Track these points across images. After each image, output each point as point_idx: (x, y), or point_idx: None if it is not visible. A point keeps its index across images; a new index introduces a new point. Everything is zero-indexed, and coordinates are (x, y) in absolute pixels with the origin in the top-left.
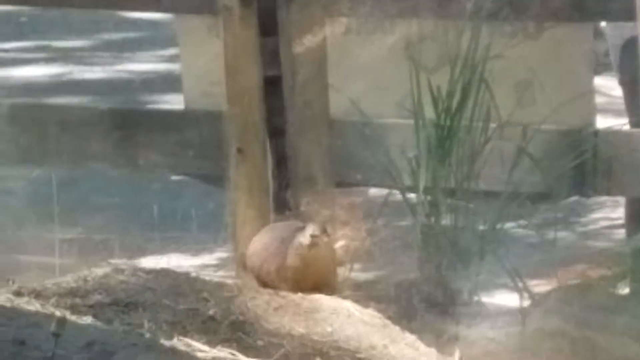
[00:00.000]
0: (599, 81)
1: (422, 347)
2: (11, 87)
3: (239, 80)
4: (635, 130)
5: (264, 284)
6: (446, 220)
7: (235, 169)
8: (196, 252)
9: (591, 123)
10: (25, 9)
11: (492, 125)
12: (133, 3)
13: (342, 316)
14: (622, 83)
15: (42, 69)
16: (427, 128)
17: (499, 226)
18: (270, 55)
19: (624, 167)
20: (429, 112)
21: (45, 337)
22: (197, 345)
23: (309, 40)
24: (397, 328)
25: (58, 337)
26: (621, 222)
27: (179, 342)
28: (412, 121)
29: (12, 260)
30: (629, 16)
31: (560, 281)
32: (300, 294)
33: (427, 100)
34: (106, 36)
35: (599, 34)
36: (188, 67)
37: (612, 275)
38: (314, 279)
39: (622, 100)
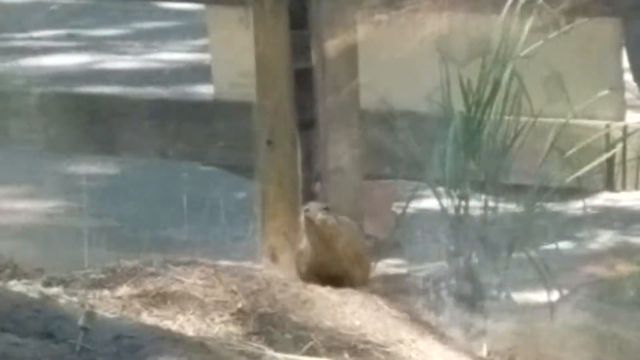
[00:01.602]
0: (629, 76)
1: (450, 341)
2: (42, 76)
3: (269, 72)
4: None
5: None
6: (475, 214)
7: (265, 161)
8: (225, 244)
9: (621, 117)
10: None
11: (523, 119)
12: None
13: (370, 309)
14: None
15: (73, 57)
16: (456, 121)
17: (528, 220)
18: (301, 48)
19: None
20: (459, 106)
21: (73, 330)
22: (225, 339)
23: (340, 33)
24: (425, 322)
25: (86, 330)
26: None
27: (207, 336)
28: (441, 114)
29: (42, 251)
30: None
31: (589, 276)
32: (328, 287)
33: (457, 93)
34: (137, 25)
35: None
36: (218, 58)
37: None
38: (325, 261)
39: None
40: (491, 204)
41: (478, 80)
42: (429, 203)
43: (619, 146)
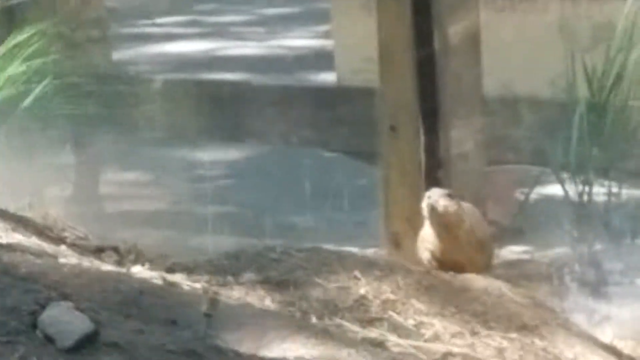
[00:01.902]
0: None
1: (574, 327)
2: (165, 62)
3: (392, 58)
4: None
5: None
6: (599, 200)
7: (388, 147)
8: (348, 230)
9: None
10: None
11: None
12: None
13: (493, 296)
14: None
15: (196, 44)
16: (581, 107)
17: None
18: (424, 34)
19: None
20: (583, 91)
21: (197, 317)
22: (348, 326)
23: (463, 19)
24: (549, 308)
25: (210, 317)
26: None
27: (330, 322)
28: (565, 100)
29: (166, 237)
30: None
31: None
32: (451, 273)
33: (581, 79)
34: (260, 11)
35: None
36: (341, 44)
37: None
38: (449, 249)
39: None
40: (615, 189)
41: (603, 66)
42: (553, 189)
43: None
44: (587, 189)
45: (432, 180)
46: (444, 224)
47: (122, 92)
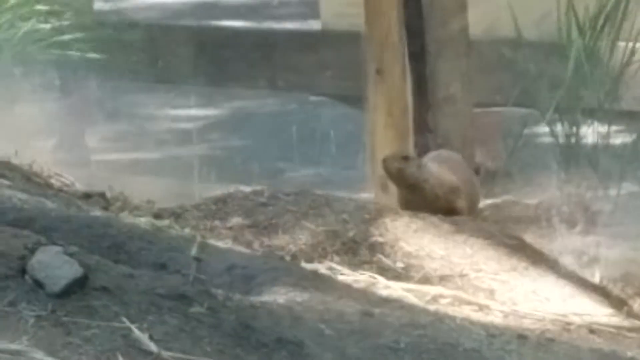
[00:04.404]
0: None
1: (563, 269)
2: (149, 9)
3: (378, 1)
4: None
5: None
6: (586, 141)
7: (374, 90)
8: (335, 173)
9: None
10: None
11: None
12: None
13: (482, 238)
14: None
15: None
16: (569, 48)
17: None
18: None
19: None
20: (571, 32)
21: (186, 261)
22: (338, 268)
23: None
24: (537, 249)
25: (199, 261)
26: None
27: (320, 265)
28: (552, 41)
29: (152, 181)
30: None
31: None
32: (440, 216)
33: (568, 20)
34: None
35: None
36: None
37: None
38: (423, 200)
39: None
40: (602, 130)
41: (591, 6)
42: (540, 130)
43: None
44: (574, 130)
45: (420, 123)
46: (405, 185)
47: (106, 38)
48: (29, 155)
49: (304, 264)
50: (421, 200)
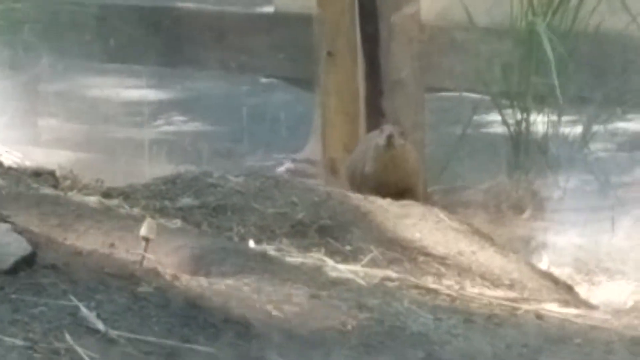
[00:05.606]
0: None
1: (510, 253)
2: None
3: None
4: None
5: (357, 190)
6: (536, 127)
7: (325, 73)
8: (284, 156)
9: None
10: None
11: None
12: None
13: (430, 222)
14: None
15: None
16: (519, 34)
17: (589, 133)
18: None
19: None
20: (522, 18)
21: (134, 241)
22: (286, 250)
23: None
24: (485, 234)
25: (148, 240)
26: None
27: (268, 247)
28: (503, 27)
29: (101, 161)
30: None
31: None
32: (389, 200)
33: (520, 5)
34: None
35: None
36: None
37: None
38: (394, 181)
39: None
40: (553, 117)
41: None
42: (491, 117)
43: None
44: (524, 116)
45: (372, 107)
46: (395, 159)
47: (58, 17)
48: None
49: (252, 245)
50: (398, 174)
